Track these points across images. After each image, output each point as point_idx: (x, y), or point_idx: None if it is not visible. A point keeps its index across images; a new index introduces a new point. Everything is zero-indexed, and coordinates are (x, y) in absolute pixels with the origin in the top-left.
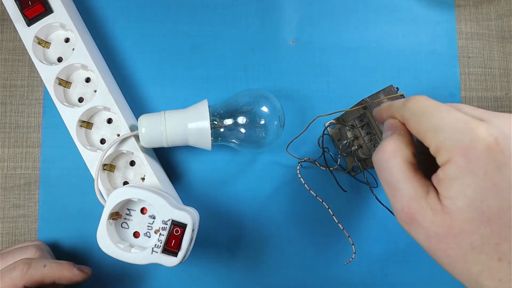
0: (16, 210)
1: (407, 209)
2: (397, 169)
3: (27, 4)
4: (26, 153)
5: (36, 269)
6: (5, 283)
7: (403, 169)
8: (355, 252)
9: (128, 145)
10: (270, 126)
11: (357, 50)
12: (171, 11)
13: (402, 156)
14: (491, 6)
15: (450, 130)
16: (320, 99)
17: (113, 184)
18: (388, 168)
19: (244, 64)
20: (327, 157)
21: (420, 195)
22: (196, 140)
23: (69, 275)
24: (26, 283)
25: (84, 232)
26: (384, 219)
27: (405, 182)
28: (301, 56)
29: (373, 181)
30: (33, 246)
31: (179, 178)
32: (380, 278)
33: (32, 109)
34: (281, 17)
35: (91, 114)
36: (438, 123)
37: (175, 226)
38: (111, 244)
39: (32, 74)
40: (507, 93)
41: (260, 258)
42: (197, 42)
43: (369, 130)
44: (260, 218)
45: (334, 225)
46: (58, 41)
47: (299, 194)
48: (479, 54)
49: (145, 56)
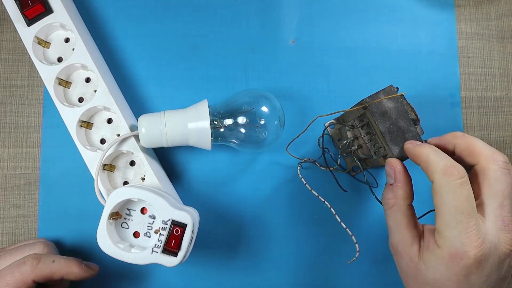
0: (16, 210)
1: (394, 246)
2: (393, 218)
3: (27, 4)
4: (26, 153)
5: (45, 264)
6: (15, 277)
7: (399, 219)
8: (359, 250)
9: (128, 145)
10: (270, 126)
11: (357, 50)
12: (171, 11)
13: (399, 208)
14: (491, 6)
15: (455, 233)
16: (320, 99)
17: (113, 184)
18: (388, 215)
19: (244, 64)
20: (327, 157)
21: (405, 243)
22: (196, 140)
23: (77, 271)
24: (35, 278)
25: (84, 232)
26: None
27: (397, 228)
28: (301, 56)
29: (373, 181)
30: (41, 242)
31: (179, 178)
32: (381, 278)
33: (32, 109)
34: (281, 17)
35: (91, 114)
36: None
37: (175, 226)
38: (111, 244)
39: (32, 74)
40: (507, 93)
41: (260, 258)
42: (197, 42)
43: (369, 130)
44: (260, 218)
45: (334, 225)
46: (58, 41)
47: (299, 194)
48: (479, 54)
49: (145, 56)
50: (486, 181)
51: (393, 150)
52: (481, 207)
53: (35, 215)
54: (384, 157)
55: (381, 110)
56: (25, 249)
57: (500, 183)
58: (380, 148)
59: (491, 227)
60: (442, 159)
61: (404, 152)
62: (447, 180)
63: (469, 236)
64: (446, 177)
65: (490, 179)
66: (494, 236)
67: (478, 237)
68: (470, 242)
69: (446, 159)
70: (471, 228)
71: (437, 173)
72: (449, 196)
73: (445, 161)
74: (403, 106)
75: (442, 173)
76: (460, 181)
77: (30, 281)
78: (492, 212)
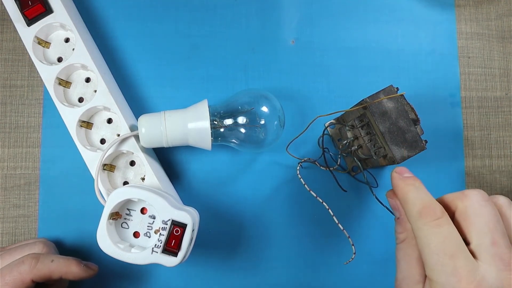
0: (16, 210)
1: (398, 283)
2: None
3: (27, 4)
4: (26, 153)
5: (44, 263)
6: (13, 277)
7: (409, 252)
8: (355, 252)
9: (128, 145)
10: (270, 126)
11: (357, 50)
12: (171, 11)
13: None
14: (491, 6)
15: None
16: (320, 99)
17: (113, 184)
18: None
19: (244, 64)
20: (327, 157)
21: (412, 280)
22: (196, 140)
23: (76, 271)
24: (34, 277)
25: (84, 232)
26: (384, 219)
27: (406, 263)
28: (301, 56)
29: (373, 181)
30: (40, 242)
31: (179, 178)
32: (380, 278)
33: (32, 109)
34: (281, 17)
35: (91, 114)
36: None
37: (175, 226)
38: (111, 244)
39: (32, 74)
40: (507, 93)
41: (260, 258)
42: (197, 42)
43: (369, 130)
44: (260, 218)
45: (334, 225)
46: (58, 41)
47: (299, 194)
48: (479, 54)
49: (145, 56)
50: (468, 221)
51: (393, 150)
52: (473, 251)
53: (35, 215)
54: (384, 157)
55: (381, 110)
56: (24, 248)
57: (481, 217)
58: (380, 148)
59: (490, 270)
60: (420, 199)
61: (405, 153)
62: (422, 222)
63: (459, 279)
64: (422, 219)
65: (470, 217)
66: (495, 279)
67: (472, 280)
68: (462, 287)
69: (424, 199)
70: (460, 269)
71: (412, 216)
72: (428, 238)
73: (422, 201)
74: (403, 106)
75: (418, 216)
76: (437, 221)
77: (28, 281)
78: (486, 251)
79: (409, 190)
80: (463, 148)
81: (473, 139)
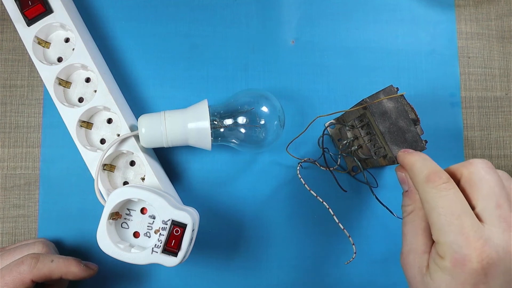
0: (16, 210)
1: (404, 256)
2: (411, 224)
3: (27, 4)
4: (26, 153)
5: (43, 263)
6: (13, 277)
7: (417, 223)
8: (356, 252)
9: (128, 145)
10: (270, 126)
11: (357, 50)
12: (171, 11)
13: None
14: (491, 6)
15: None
16: (320, 99)
17: (113, 184)
18: (405, 222)
19: (244, 64)
20: (327, 157)
21: (418, 251)
22: (196, 140)
23: (76, 271)
24: (33, 277)
25: (84, 232)
26: (384, 219)
27: (413, 235)
28: (301, 56)
29: (373, 181)
30: (40, 242)
31: (179, 178)
32: (380, 278)
33: (32, 109)
34: (281, 17)
35: (91, 114)
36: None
37: (175, 226)
38: (111, 244)
39: (32, 74)
40: (507, 93)
41: (260, 258)
42: (197, 42)
43: (369, 130)
44: (260, 218)
45: (334, 225)
46: (58, 41)
47: (299, 194)
48: (479, 54)
49: (145, 56)
50: (473, 187)
51: (393, 150)
52: (479, 214)
53: (35, 215)
54: (384, 157)
55: (381, 110)
56: (24, 248)
57: (486, 182)
58: (380, 148)
59: (496, 231)
60: (427, 166)
61: None
62: (430, 186)
63: (466, 237)
64: (429, 183)
65: (476, 183)
66: (501, 239)
67: (478, 238)
68: (469, 244)
69: (430, 167)
70: (466, 229)
71: (419, 182)
72: (435, 201)
73: (429, 168)
74: (403, 106)
75: (425, 181)
76: (444, 185)
77: (28, 281)
78: (491, 214)
79: (416, 160)
80: (463, 148)
81: (473, 139)
